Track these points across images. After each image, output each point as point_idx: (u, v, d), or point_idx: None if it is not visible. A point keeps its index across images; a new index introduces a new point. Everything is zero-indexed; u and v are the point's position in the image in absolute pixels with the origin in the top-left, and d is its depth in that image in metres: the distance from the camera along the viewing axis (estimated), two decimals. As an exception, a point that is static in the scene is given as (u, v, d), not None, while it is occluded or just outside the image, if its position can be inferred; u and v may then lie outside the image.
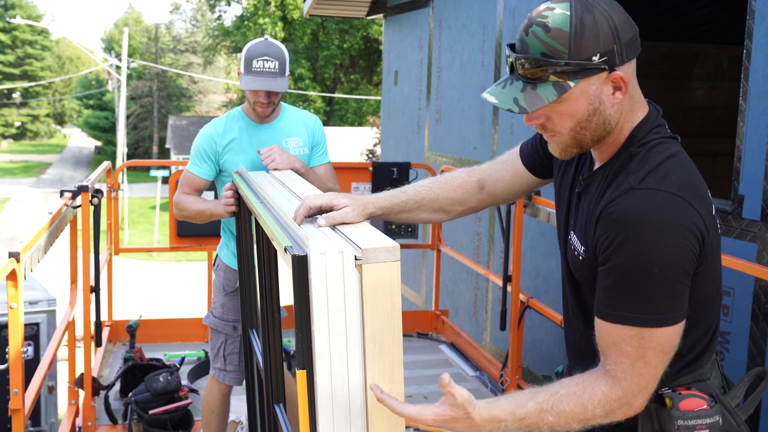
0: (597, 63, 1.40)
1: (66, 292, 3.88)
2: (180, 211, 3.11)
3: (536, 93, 1.42)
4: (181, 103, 44.26)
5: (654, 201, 1.37)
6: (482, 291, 6.19)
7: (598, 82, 1.43)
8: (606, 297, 1.42)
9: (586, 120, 1.46)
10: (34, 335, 5.93)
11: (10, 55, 50.91)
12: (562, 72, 1.40)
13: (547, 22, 1.39)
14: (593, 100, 1.44)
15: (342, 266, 1.39)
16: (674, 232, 1.36)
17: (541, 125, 1.51)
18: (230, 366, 3.17)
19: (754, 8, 3.31)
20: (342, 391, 1.41)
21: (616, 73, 1.42)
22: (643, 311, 1.38)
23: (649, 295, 1.37)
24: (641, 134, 1.49)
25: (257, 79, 2.93)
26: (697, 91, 7.72)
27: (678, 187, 1.39)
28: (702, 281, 1.45)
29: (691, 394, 1.50)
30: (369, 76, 34.18)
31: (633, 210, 1.37)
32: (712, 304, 1.54)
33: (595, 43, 1.39)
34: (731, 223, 3.40)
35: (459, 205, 1.88)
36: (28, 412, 2.67)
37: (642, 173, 1.43)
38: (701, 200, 1.42)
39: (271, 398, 2.25)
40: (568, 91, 1.41)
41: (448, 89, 6.70)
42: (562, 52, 1.39)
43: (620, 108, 1.47)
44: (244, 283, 2.79)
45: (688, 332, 1.48)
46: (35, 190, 34.64)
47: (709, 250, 1.42)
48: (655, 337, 1.39)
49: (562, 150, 1.54)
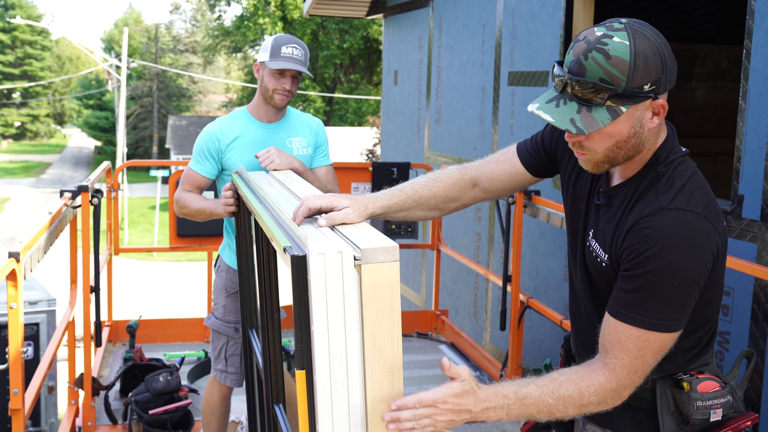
0: (647, 91, 1.50)
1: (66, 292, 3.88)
2: (180, 208, 3.12)
3: (592, 116, 1.51)
4: (180, 103, 44.26)
5: (684, 221, 1.52)
6: (482, 291, 6.19)
7: (643, 108, 1.53)
8: (623, 299, 1.55)
9: (625, 141, 1.56)
10: (34, 335, 5.93)
11: (10, 55, 50.90)
12: (618, 97, 1.49)
13: (608, 50, 1.47)
14: (635, 124, 1.54)
15: (341, 266, 1.39)
16: (697, 251, 1.51)
17: (579, 143, 1.59)
18: (232, 368, 3.17)
19: (753, 8, 3.31)
20: (341, 392, 1.41)
21: (659, 101, 1.53)
22: (654, 317, 1.52)
23: (665, 303, 1.52)
24: (665, 154, 1.61)
25: (289, 62, 2.95)
26: (696, 91, 7.72)
27: (702, 207, 1.54)
28: (711, 286, 1.59)
29: (706, 377, 1.65)
30: (369, 76, 34.18)
31: (665, 228, 1.51)
32: (716, 304, 1.69)
33: (647, 73, 1.49)
34: (731, 223, 3.40)
35: (452, 202, 1.94)
36: (28, 412, 2.67)
37: (671, 194, 1.56)
38: (718, 217, 1.57)
39: (270, 398, 2.25)
40: (620, 115, 1.51)
41: (448, 89, 6.70)
42: (621, 79, 1.48)
43: (654, 131, 1.59)
44: (243, 284, 2.79)
45: (695, 332, 1.65)
46: (35, 190, 34.64)
47: (716, 267, 1.57)
48: (658, 340, 1.54)
49: (593, 165, 1.62)
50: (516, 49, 5.45)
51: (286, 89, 3.00)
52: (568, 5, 4.79)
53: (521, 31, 5.38)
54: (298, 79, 3.04)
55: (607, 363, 1.56)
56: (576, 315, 1.85)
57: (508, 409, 1.54)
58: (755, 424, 1.71)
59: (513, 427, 3.99)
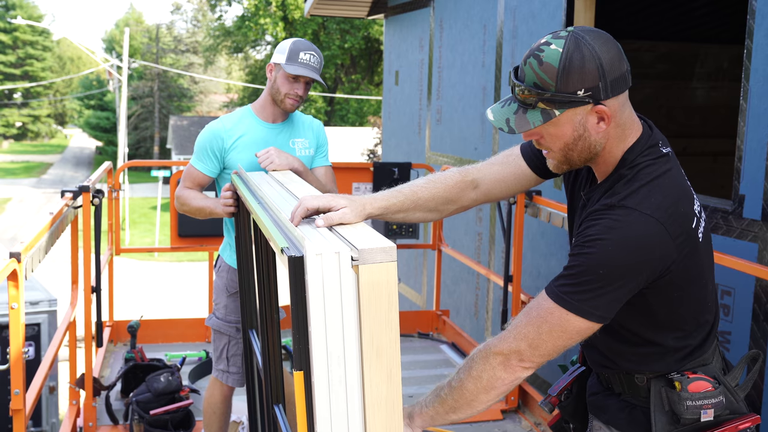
0: (581, 96, 1.56)
1: (67, 292, 3.88)
2: (181, 205, 3.13)
3: (525, 117, 1.60)
4: (182, 103, 44.27)
5: (627, 219, 1.56)
6: (483, 291, 6.19)
7: (584, 112, 1.59)
8: (556, 277, 1.62)
9: (573, 143, 1.63)
10: (35, 336, 5.94)
11: (11, 55, 50.93)
12: (548, 101, 1.57)
13: (542, 56, 1.57)
14: (578, 128, 1.61)
15: (338, 267, 1.39)
16: (632, 252, 1.54)
17: (537, 141, 1.69)
18: (233, 368, 3.17)
19: (754, 8, 3.31)
20: (339, 392, 1.41)
21: (599, 106, 1.58)
22: (569, 295, 1.57)
23: (582, 284, 1.55)
24: (632, 157, 1.64)
25: (305, 68, 2.96)
26: (697, 90, 7.71)
27: (653, 208, 1.57)
28: (676, 287, 1.62)
29: (697, 377, 1.67)
30: (370, 76, 34.19)
31: (606, 221, 1.57)
32: (701, 303, 1.70)
33: (580, 79, 1.55)
34: (732, 223, 3.39)
35: (451, 204, 1.95)
36: (29, 413, 2.67)
37: (624, 194, 1.60)
38: (677, 220, 1.59)
39: (270, 399, 2.25)
40: (553, 118, 1.59)
41: (449, 89, 6.70)
42: (550, 84, 1.56)
43: (606, 135, 1.63)
44: (243, 284, 2.79)
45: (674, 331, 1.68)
46: (36, 190, 34.66)
47: (675, 269, 1.59)
48: (561, 318, 1.57)
49: (555, 165, 1.71)
50: (517, 49, 5.45)
51: (298, 95, 3.01)
52: (569, 5, 4.79)
53: (522, 31, 5.38)
54: (310, 86, 3.04)
55: (511, 323, 1.64)
56: None
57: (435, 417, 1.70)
58: (757, 425, 1.71)
59: (514, 427, 3.99)
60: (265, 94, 3.11)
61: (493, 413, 4.09)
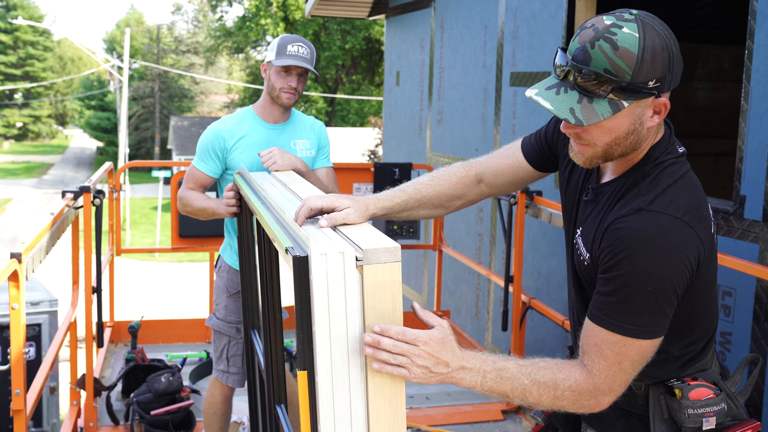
0: (651, 88, 1.45)
1: (68, 292, 3.88)
2: (183, 206, 3.13)
3: (592, 107, 1.45)
4: (182, 103, 44.28)
5: (660, 225, 1.46)
6: (484, 291, 6.18)
7: (645, 104, 1.48)
8: (600, 302, 1.52)
9: (624, 138, 1.51)
10: (36, 336, 5.93)
11: (12, 55, 50.93)
12: (621, 90, 1.44)
13: (616, 40, 1.42)
14: (635, 121, 1.49)
15: (343, 267, 1.39)
16: (672, 258, 1.46)
17: (577, 134, 1.54)
18: (233, 368, 3.17)
19: (755, 9, 3.30)
20: (343, 392, 1.41)
21: (662, 99, 1.49)
22: (630, 322, 1.48)
23: (638, 309, 1.47)
24: (656, 154, 1.56)
25: (295, 59, 2.96)
26: (698, 91, 7.71)
27: (683, 211, 1.49)
28: (694, 295, 1.55)
29: (699, 384, 1.61)
30: (371, 76, 34.19)
31: (639, 230, 1.47)
32: (707, 311, 1.64)
33: (654, 68, 1.43)
34: (733, 224, 3.39)
35: (458, 200, 1.92)
36: (29, 413, 2.67)
37: (651, 195, 1.51)
38: (703, 223, 1.52)
39: (272, 399, 2.25)
40: (622, 110, 1.46)
41: (450, 90, 6.70)
42: (626, 72, 1.42)
43: (653, 130, 1.54)
44: (245, 284, 2.79)
45: (682, 339, 1.62)
46: (37, 190, 34.66)
47: (703, 270, 1.52)
48: (635, 347, 1.49)
49: (587, 160, 1.57)
50: (518, 49, 5.45)
51: (292, 87, 3.01)
52: (569, 6, 4.79)
53: (523, 32, 5.38)
54: (304, 78, 3.04)
55: (585, 364, 1.53)
56: (570, 315, 1.84)
57: (484, 377, 1.49)
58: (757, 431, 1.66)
59: (515, 428, 3.99)
60: (264, 95, 3.12)
61: (493, 414, 4.09)
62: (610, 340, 1.49)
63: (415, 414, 3.99)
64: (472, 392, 4.37)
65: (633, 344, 1.49)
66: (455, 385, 1.51)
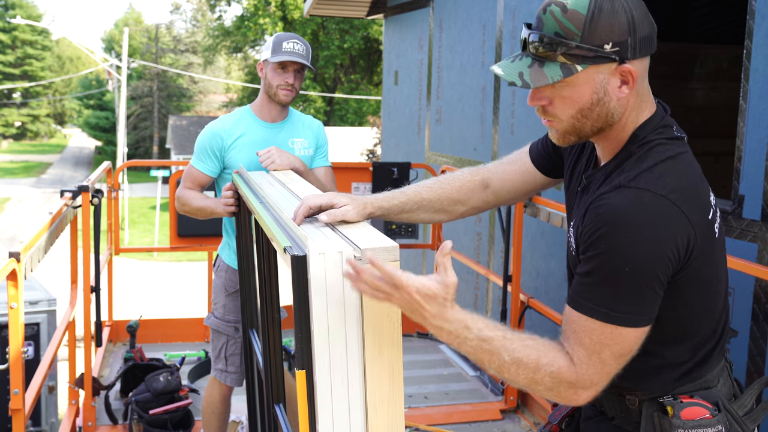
0: (608, 52, 1.38)
1: (66, 292, 3.88)
2: (182, 205, 3.13)
3: (542, 71, 1.41)
4: (181, 103, 44.27)
5: (640, 201, 1.37)
6: (482, 291, 6.19)
7: (607, 72, 1.41)
8: (578, 285, 1.42)
9: (588, 109, 1.44)
10: (35, 335, 5.93)
11: (11, 55, 50.91)
12: (571, 54, 1.39)
13: (566, 3, 1.39)
14: (598, 89, 1.42)
15: (341, 266, 1.39)
16: (653, 236, 1.35)
17: (543, 108, 1.48)
18: (231, 367, 3.17)
19: (754, 8, 3.31)
20: (341, 391, 1.41)
21: (625, 65, 1.40)
22: (607, 306, 1.38)
23: (616, 292, 1.37)
24: (643, 134, 1.47)
25: (290, 55, 2.96)
26: (697, 91, 7.71)
27: (669, 189, 1.38)
28: (689, 287, 1.44)
29: (692, 402, 1.49)
30: (369, 76, 34.18)
31: (618, 207, 1.37)
32: (710, 311, 1.51)
33: (609, 31, 1.38)
34: (731, 223, 3.39)
35: (461, 205, 1.87)
36: (28, 412, 2.67)
37: (635, 172, 1.42)
38: (695, 204, 1.40)
39: (271, 398, 2.25)
40: (574, 74, 1.40)
41: (449, 89, 6.70)
42: (575, 34, 1.38)
43: (625, 103, 1.45)
44: (244, 283, 2.79)
45: (683, 341, 1.49)
46: (35, 190, 34.63)
47: (697, 257, 1.41)
48: (614, 336, 1.39)
49: (560, 136, 1.51)
50: (516, 49, 5.45)
51: (289, 83, 3.01)
52: (568, 5, 4.78)
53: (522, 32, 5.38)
54: (301, 75, 3.04)
55: (567, 351, 1.42)
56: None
57: (463, 342, 1.41)
58: None
59: (514, 427, 3.99)
60: (261, 94, 3.12)
61: (492, 413, 4.09)
62: (588, 327, 1.39)
63: (413, 413, 3.99)
64: (471, 392, 4.38)
65: (612, 332, 1.38)
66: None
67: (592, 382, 1.41)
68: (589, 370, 1.40)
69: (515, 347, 1.40)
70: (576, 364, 1.41)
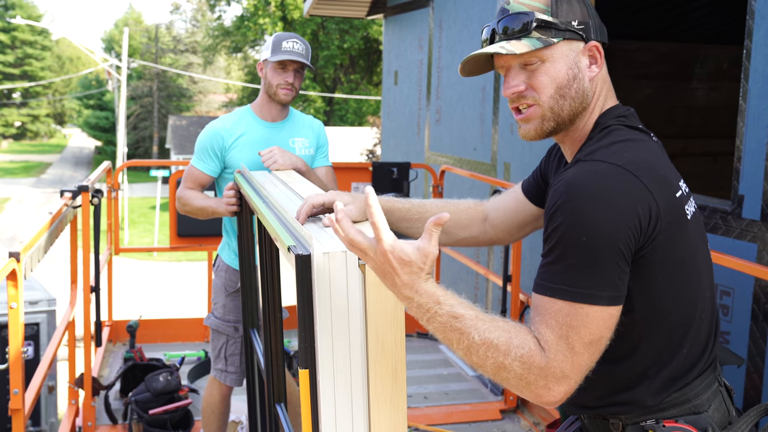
0: (576, 28, 1.45)
1: (66, 292, 3.89)
2: (183, 206, 3.13)
3: (521, 42, 1.45)
4: (181, 103, 44.27)
5: (595, 171, 1.35)
6: (482, 291, 6.19)
7: (577, 50, 1.47)
8: (541, 269, 1.37)
9: (567, 86, 1.46)
10: (34, 335, 5.93)
11: (10, 55, 50.88)
12: (544, 27, 1.44)
13: None
14: (573, 66, 1.46)
15: (345, 266, 1.39)
16: (609, 202, 1.30)
17: (521, 93, 1.48)
18: (231, 367, 3.17)
19: (754, 8, 3.31)
20: (344, 391, 1.41)
21: (592, 42, 1.47)
22: (567, 283, 1.31)
23: (576, 266, 1.30)
24: (605, 121, 1.50)
25: (290, 54, 2.97)
26: (697, 91, 7.72)
27: (625, 161, 1.35)
28: (659, 268, 1.37)
29: (675, 427, 1.40)
30: (369, 76, 34.18)
31: (572, 178, 1.35)
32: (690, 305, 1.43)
33: (572, 11, 1.46)
34: (731, 223, 3.40)
35: (461, 230, 1.87)
36: (28, 412, 2.67)
37: (591, 149, 1.43)
38: (655, 178, 1.36)
39: (272, 398, 2.25)
40: (551, 45, 1.44)
41: (448, 89, 6.70)
42: (544, 9, 1.45)
43: (595, 85, 1.50)
44: (245, 283, 2.79)
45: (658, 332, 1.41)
46: (35, 190, 34.63)
47: (664, 232, 1.35)
48: (579, 317, 1.30)
49: (537, 125, 1.49)
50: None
51: (288, 82, 3.02)
52: (568, 5, 4.79)
53: (522, 32, 5.38)
54: (300, 74, 3.05)
55: (536, 336, 1.33)
56: None
57: (432, 317, 1.33)
58: None
59: (513, 427, 3.99)
60: (261, 94, 3.13)
61: (492, 413, 4.09)
62: (552, 308, 1.32)
63: (413, 413, 3.99)
64: (471, 392, 4.38)
65: (577, 312, 1.29)
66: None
67: (563, 372, 1.30)
68: (558, 357, 1.30)
69: (486, 327, 1.31)
70: (545, 350, 1.31)
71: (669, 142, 1.72)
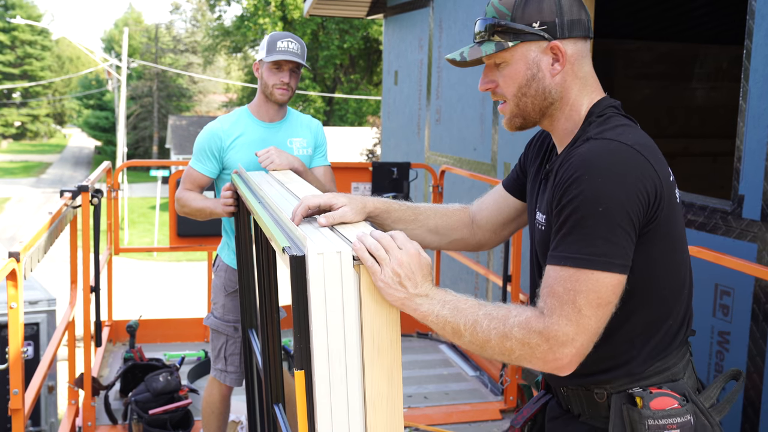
0: (536, 29, 1.53)
1: (66, 292, 3.88)
2: (181, 207, 3.13)
3: (478, 48, 1.59)
4: (181, 103, 44.28)
5: (608, 148, 1.44)
6: (482, 291, 6.19)
7: (538, 49, 1.55)
8: (554, 243, 1.45)
9: (526, 85, 1.57)
10: (34, 335, 5.93)
11: (10, 55, 50.91)
12: (503, 32, 1.55)
13: None
14: (531, 66, 1.56)
15: (340, 266, 1.39)
16: (623, 176, 1.41)
17: (492, 91, 1.64)
18: (231, 367, 3.17)
19: (754, 8, 3.31)
20: (340, 391, 1.41)
21: (554, 43, 1.54)
22: (580, 252, 1.39)
23: (589, 234, 1.39)
24: (599, 110, 1.57)
25: (285, 54, 2.97)
26: (697, 91, 7.71)
27: (633, 141, 1.46)
28: (657, 243, 1.47)
29: (661, 393, 1.51)
30: (369, 76, 34.18)
31: (587, 153, 1.45)
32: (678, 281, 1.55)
33: (537, 11, 1.53)
34: (731, 223, 3.39)
35: (452, 231, 1.92)
36: (28, 412, 2.67)
37: (599, 129, 1.51)
38: (658, 160, 1.48)
39: (270, 398, 2.25)
40: (505, 49, 1.55)
41: (448, 89, 6.70)
42: (506, 14, 1.55)
43: (562, 82, 1.57)
44: (243, 283, 2.79)
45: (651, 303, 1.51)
46: (35, 190, 34.64)
47: (664, 209, 1.45)
48: (589, 281, 1.38)
49: (508, 120, 1.64)
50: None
51: (284, 82, 3.02)
52: (568, 5, 4.78)
53: (521, 31, 5.37)
54: (296, 74, 3.05)
55: (539, 305, 1.43)
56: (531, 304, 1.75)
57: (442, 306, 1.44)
58: None
59: (513, 427, 3.99)
60: (258, 94, 3.13)
61: (492, 413, 4.09)
62: (561, 276, 1.40)
63: (413, 413, 3.99)
64: (471, 392, 4.38)
65: (588, 278, 1.38)
66: (411, 314, 1.44)
67: (567, 335, 1.37)
68: (561, 321, 1.38)
69: (488, 308, 1.43)
70: (546, 315, 1.39)
71: (669, 142, 1.74)
